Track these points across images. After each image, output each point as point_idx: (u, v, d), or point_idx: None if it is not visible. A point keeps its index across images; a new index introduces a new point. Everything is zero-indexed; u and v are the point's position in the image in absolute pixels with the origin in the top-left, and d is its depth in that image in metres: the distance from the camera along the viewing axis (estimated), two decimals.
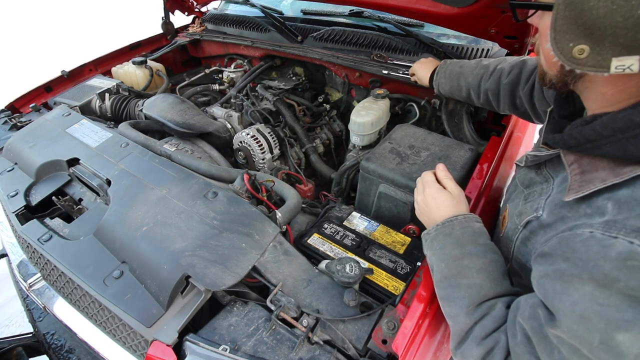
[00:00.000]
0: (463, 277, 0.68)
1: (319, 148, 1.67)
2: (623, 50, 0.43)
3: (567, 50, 0.46)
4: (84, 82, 1.78)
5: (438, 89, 1.21)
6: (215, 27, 2.14)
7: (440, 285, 0.72)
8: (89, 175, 1.17)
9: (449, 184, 0.82)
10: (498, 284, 0.67)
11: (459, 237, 0.73)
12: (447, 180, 0.83)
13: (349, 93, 1.77)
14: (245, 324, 0.79)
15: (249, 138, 1.48)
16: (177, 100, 1.54)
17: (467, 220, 0.75)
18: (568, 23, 0.45)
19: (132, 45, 2.13)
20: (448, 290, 0.70)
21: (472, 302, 0.65)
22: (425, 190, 0.82)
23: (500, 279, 0.68)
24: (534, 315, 0.54)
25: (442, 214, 0.78)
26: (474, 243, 0.71)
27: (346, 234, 1.01)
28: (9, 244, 1.25)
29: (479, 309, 0.64)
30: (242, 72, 1.95)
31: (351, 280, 0.81)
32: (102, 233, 0.96)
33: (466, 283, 0.67)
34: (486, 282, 0.66)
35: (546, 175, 0.67)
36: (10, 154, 1.33)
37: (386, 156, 1.15)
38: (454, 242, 0.72)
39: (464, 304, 0.66)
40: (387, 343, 0.72)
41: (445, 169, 0.85)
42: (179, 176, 1.07)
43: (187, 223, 0.92)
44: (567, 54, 0.47)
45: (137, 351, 0.83)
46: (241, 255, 0.85)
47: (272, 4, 2.04)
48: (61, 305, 0.99)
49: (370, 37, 1.60)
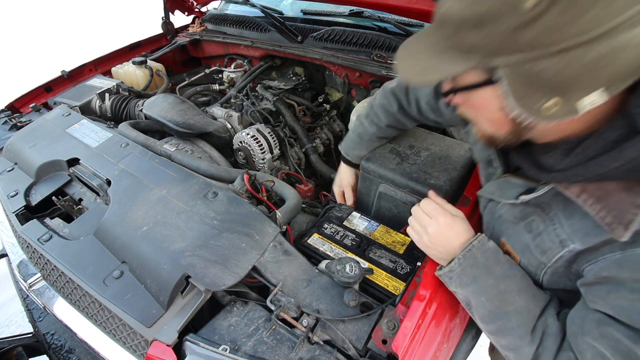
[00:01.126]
0: (508, 304, 0.66)
1: (319, 148, 1.67)
2: (588, 89, 0.44)
3: (536, 109, 0.47)
4: (84, 82, 1.78)
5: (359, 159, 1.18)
6: (215, 27, 2.15)
7: (487, 320, 0.69)
8: (89, 175, 1.17)
9: (450, 208, 0.79)
10: (539, 298, 0.66)
11: (484, 264, 0.69)
12: (448, 206, 0.80)
13: (349, 93, 1.77)
14: (245, 324, 0.79)
15: (249, 138, 1.48)
16: (177, 100, 1.54)
17: (481, 242, 0.72)
18: (528, 86, 0.46)
19: (132, 45, 2.13)
20: (498, 323, 0.67)
21: (528, 329, 0.64)
22: (439, 220, 0.76)
23: (536, 291, 0.67)
24: (606, 334, 0.53)
25: (460, 240, 0.74)
26: (499, 264, 0.69)
27: (346, 234, 1.01)
28: (9, 244, 1.24)
29: (536, 332, 0.63)
30: (242, 72, 1.95)
31: (351, 280, 0.81)
32: (102, 233, 0.96)
33: (513, 309, 0.65)
34: (530, 301, 0.65)
35: (534, 203, 0.65)
36: (10, 154, 1.33)
37: (386, 156, 1.15)
38: (483, 271, 0.69)
39: (522, 334, 0.64)
40: (387, 343, 0.72)
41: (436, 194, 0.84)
42: (179, 176, 1.07)
43: (187, 223, 0.92)
44: (538, 112, 0.48)
45: (137, 351, 0.83)
46: (241, 255, 0.85)
47: (272, 4, 2.04)
48: (61, 305, 0.99)
49: (370, 37, 1.59)
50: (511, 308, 0.66)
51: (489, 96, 0.52)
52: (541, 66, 0.44)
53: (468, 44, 0.48)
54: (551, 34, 0.42)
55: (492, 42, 0.46)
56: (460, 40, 0.49)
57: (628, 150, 0.47)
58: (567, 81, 0.44)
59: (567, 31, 0.41)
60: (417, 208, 0.82)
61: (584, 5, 0.39)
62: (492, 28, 0.45)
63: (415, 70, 0.54)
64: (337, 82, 1.79)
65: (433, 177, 1.04)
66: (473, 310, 0.72)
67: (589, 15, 0.40)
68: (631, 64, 0.42)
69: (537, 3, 0.41)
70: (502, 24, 0.44)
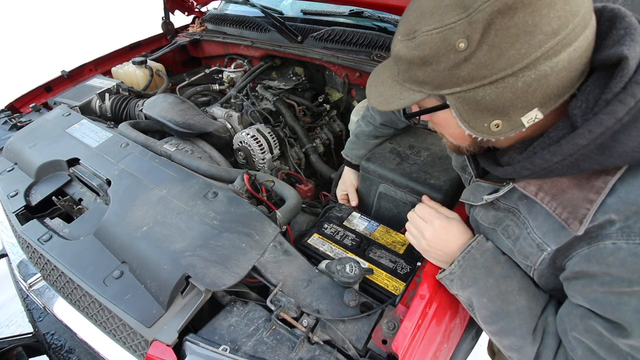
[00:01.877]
0: (510, 304, 0.67)
1: (319, 148, 1.67)
2: (524, 110, 0.52)
3: (484, 128, 0.55)
4: (84, 82, 1.78)
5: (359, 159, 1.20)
6: (215, 27, 2.15)
7: (489, 321, 0.70)
8: (89, 175, 1.17)
9: (445, 211, 0.81)
10: (540, 297, 0.67)
11: (484, 264, 0.71)
12: (442, 209, 0.81)
13: (349, 93, 1.77)
14: (245, 324, 0.79)
15: (249, 138, 1.48)
16: (177, 100, 1.54)
17: (479, 243, 0.73)
18: (473, 111, 0.54)
19: (132, 45, 2.13)
20: (501, 323, 0.68)
21: (530, 328, 0.65)
22: (435, 224, 0.78)
23: (536, 290, 0.68)
24: (589, 329, 0.55)
25: (459, 242, 0.75)
26: (499, 264, 0.70)
27: (346, 234, 1.01)
28: (9, 244, 1.24)
29: (537, 331, 0.65)
30: (242, 72, 1.95)
31: (351, 281, 0.81)
32: (102, 233, 0.96)
33: (515, 309, 0.66)
34: (531, 300, 0.66)
35: (505, 207, 0.68)
36: (10, 154, 1.33)
37: (386, 156, 1.15)
38: (484, 271, 0.70)
39: (524, 333, 0.65)
40: (387, 343, 0.72)
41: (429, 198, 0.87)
42: (179, 176, 1.07)
43: (187, 223, 0.92)
44: (486, 131, 0.55)
45: (137, 351, 0.83)
46: (241, 255, 0.85)
47: (272, 4, 2.04)
48: (61, 305, 0.99)
49: (370, 37, 1.59)
50: (513, 308, 0.66)
51: (446, 116, 0.60)
52: (480, 95, 0.52)
53: (419, 79, 0.56)
54: (482, 68, 0.49)
55: (437, 77, 0.54)
56: (412, 75, 0.57)
57: (565, 145, 0.51)
58: (504, 105, 0.52)
59: (495, 66, 0.48)
60: (412, 213, 0.84)
61: (504, 45, 0.47)
62: (435, 67, 0.53)
63: (381, 99, 0.63)
64: (337, 82, 1.79)
65: (433, 177, 1.04)
66: (475, 312, 0.73)
67: (511, 52, 0.47)
68: (559, 84, 0.50)
69: (467, 45, 0.48)
70: (442, 63, 0.52)
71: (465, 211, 0.84)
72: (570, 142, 0.51)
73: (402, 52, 0.56)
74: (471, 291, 0.71)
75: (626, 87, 0.47)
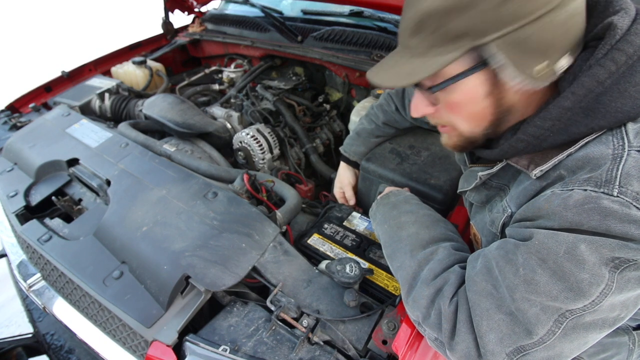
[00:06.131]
0: (402, 230, 0.77)
1: (319, 148, 1.67)
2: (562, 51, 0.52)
3: (531, 73, 0.53)
4: (84, 82, 1.78)
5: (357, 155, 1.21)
6: (215, 27, 2.14)
7: (386, 245, 0.79)
8: (88, 175, 1.17)
9: None
10: (432, 229, 0.75)
11: (394, 202, 0.86)
12: None
13: (349, 93, 1.77)
14: (245, 324, 0.79)
15: (249, 138, 1.48)
16: (177, 100, 1.54)
17: (399, 191, 0.91)
18: (522, 53, 0.51)
19: (132, 45, 2.12)
20: (393, 246, 0.77)
21: (413, 248, 0.72)
22: None
23: (433, 226, 0.76)
24: (502, 246, 0.58)
25: None
26: (408, 204, 0.84)
27: (346, 234, 1.01)
28: (8, 244, 1.24)
29: (422, 253, 0.70)
30: (242, 72, 1.94)
31: (351, 281, 0.81)
32: (102, 233, 0.96)
33: (405, 234, 0.76)
34: (422, 230, 0.75)
35: (497, 186, 0.70)
36: (10, 154, 1.33)
37: (386, 156, 1.15)
38: (391, 206, 0.85)
39: (407, 250, 0.72)
40: (387, 343, 0.72)
41: None
42: (179, 176, 1.07)
43: (187, 223, 0.91)
44: (532, 77, 0.53)
45: (137, 351, 0.83)
46: (241, 256, 0.85)
47: (272, 4, 2.04)
48: (61, 306, 0.99)
49: (370, 37, 1.59)
50: (404, 233, 0.76)
51: (475, 84, 0.56)
52: (527, 33, 0.49)
53: (456, 31, 0.51)
54: (528, 3, 0.47)
55: (480, 22, 0.49)
56: (446, 31, 0.52)
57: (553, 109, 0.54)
58: (546, 45, 0.51)
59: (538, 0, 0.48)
60: None
61: None
62: (477, 8, 0.49)
63: (399, 77, 0.58)
64: (337, 82, 1.79)
65: (433, 177, 1.04)
66: (381, 240, 0.83)
67: None
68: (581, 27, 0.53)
69: None
70: (485, 2, 0.48)
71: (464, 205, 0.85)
72: (557, 105, 0.53)
73: (434, 5, 0.51)
74: (378, 222, 0.85)
75: (608, 53, 0.50)
